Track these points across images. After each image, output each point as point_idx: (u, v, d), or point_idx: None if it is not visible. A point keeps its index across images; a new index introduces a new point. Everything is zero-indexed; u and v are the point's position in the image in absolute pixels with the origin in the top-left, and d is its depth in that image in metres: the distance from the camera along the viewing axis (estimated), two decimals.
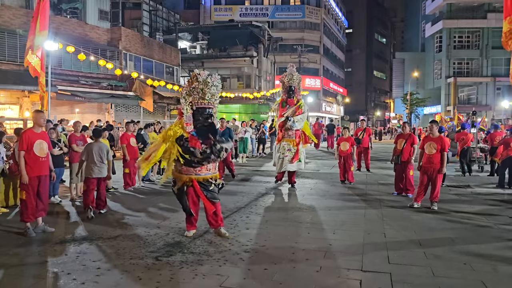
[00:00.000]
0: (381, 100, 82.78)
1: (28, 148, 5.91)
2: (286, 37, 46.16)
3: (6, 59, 17.22)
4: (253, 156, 17.95)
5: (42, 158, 6.06)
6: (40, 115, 6.22)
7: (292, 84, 10.06)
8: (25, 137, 5.96)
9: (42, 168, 6.07)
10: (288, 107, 9.97)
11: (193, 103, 5.63)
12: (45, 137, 6.25)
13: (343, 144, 10.71)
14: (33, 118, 6.28)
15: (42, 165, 6.08)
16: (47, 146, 6.17)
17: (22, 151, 5.89)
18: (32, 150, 5.94)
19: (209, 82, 5.55)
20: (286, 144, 9.87)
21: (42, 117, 6.23)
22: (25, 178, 5.86)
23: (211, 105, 5.66)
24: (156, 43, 27.29)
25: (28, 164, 5.90)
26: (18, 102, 17.36)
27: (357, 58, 75.62)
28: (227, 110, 34.09)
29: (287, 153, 9.85)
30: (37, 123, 6.16)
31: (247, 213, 7.40)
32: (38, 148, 6.00)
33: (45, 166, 6.14)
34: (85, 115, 19.71)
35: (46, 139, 6.22)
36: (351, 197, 8.98)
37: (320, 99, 51.99)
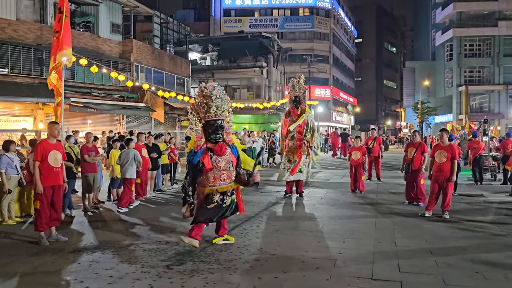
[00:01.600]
0: (392, 109, 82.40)
1: (43, 158, 6.03)
2: (295, 47, 46.44)
3: (21, 72, 17.58)
4: (263, 166, 17.97)
5: (56, 169, 6.17)
6: (54, 127, 6.36)
7: (297, 95, 10.07)
8: (40, 147, 6.09)
9: (56, 178, 6.18)
10: (291, 118, 9.99)
11: (201, 117, 5.78)
12: (60, 148, 6.36)
13: (355, 153, 10.71)
14: (48, 129, 6.44)
15: (56, 175, 6.19)
16: (61, 157, 6.28)
17: (37, 161, 6.02)
18: (47, 161, 6.05)
19: (212, 96, 5.65)
20: (290, 155, 9.86)
21: (57, 128, 6.36)
22: (40, 188, 5.97)
23: (218, 117, 5.74)
24: (167, 55, 27.65)
25: (42, 174, 6.02)
26: (32, 114, 17.67)
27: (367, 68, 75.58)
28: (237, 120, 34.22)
29: (288, 163, 9.87)
30: (51, 134, 6.30)
31: (257, 222, 7.43)
32: (53, 158, 6.11)
33: (59, 177, 6.25)
34: (97, 126, 19.96)
35: (60, 149, 6.34)
36: (362, 206, 8.95)
37: (330, 108, 51.98)
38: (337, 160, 22.85)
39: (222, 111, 5.77)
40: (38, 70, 18.13)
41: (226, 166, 5.75)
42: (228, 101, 5.88)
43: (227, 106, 5.86)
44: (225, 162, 5.75)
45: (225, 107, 5.83)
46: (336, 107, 55.29)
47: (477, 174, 12.51)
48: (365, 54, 74.72)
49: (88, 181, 8.63)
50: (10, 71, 17.36)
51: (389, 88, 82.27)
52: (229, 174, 5.79)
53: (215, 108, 5.70)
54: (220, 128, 5.75)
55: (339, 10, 57.47)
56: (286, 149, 9.91)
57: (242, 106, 29.29)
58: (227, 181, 5.78)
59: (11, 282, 4.56)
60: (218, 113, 5.74)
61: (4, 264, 5.15)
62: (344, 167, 18.10)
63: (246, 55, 35.34)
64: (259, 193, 10.95)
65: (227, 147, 5.81)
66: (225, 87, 36.19)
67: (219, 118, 5.77)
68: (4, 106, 16.99)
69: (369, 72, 75.75)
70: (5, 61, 17.33)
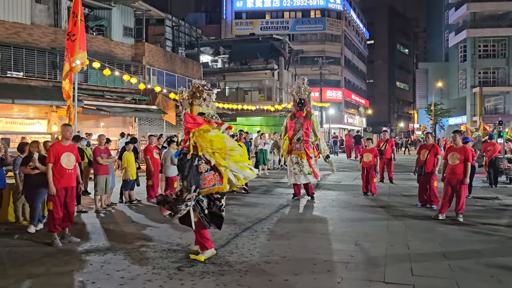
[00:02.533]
0: (405, 111, 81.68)
1: (56, 160, 6.11)
2: (306, 49, 46.32)
3: (35, 75, 17.85)
4: (274, 169, 17.95)
5: (69, 170, 6.24)
6: (67, 129, 6.44)
7: (302, 97, 10.01)
8: (52, 149, 6.18)
9: (69, 180, 6.25)
10: (296, 120, 9.94)
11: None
12: (73, 149, 6.43)
13: (366, 155, 10.63)
14: (61, 131, 6.54)
15: (69, 177, 6.26)
16: (74, 159, 6.35)
17: (50, 163, 6.10)
18: (59, 163, 6.13)
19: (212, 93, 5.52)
20: (294, 157, 9.81)
21: (69, 130, 6.44)
22: (53, 190, 6.04)
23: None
24: (178, 58, 27.83)
25: (55, 175, 6.10)
26: (46, 117, 17.90)
27: (379, 69, 75.07)
28: (248, 123, 34.29)
29: (295, 166, 9.80)
30: (64, 136, 6.38)
31: (268, 224, 7.41)
32: (66, 160, 6.19)
33: (72, 178, 6.31)
34: (110, 128, 20.16)
35: (74, 151, 6.41)
36: (374, 209, 8.87)
37: (342, 110, 51.71)
38: (349, 162, 22.72)
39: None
40: (52, 74, 18.40)
41: None
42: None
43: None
44: None
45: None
46: (347, 109, 54.99)
47: (492, 177, 12.31)
48: (377, 55, 74.22)
49: (101, 183, 8.72)
50: (25, 74, 17.65)
51: (401, 90, 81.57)
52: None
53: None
54: None
55: (350, 12, 57.22)
56: (292, 152, 9.86)
57: (253, 109, 29.29)
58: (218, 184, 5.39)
59: (24, 282, 4.61)
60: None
61: (17, 264, 5.21)
62: (356, 169, 17.99)
63: (257, 57, 35.36)
64: (270, 195, 10.94)
65: None
66: (236, 89, 36.58)
67: None
68: (19, 109, 17.26)
69: (381, 74, 75.22)
70: (20, 64, 17.63)
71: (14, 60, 17.52)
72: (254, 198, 10.40)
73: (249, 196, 10.80)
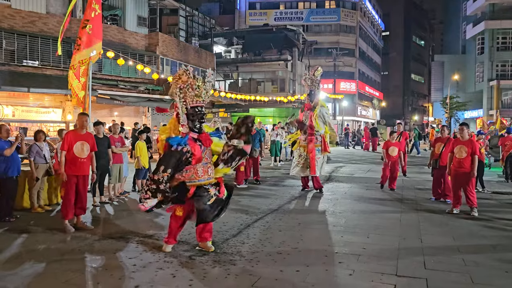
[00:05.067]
0: (419, 104, 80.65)
1: (69, 148, 6.22)
2: (321, 40, 45.92)
3: (50, 64, 18.02)
4: (286, 160, 17.92)
5: (81, 159, 6.30)
6: (82, 118, 6.49)
7: (311, 88, 9.91)
8: (66, 138, 6.29)
9: (81, 168, 6.32)
10: (305, 112, 9.85)
11: (187, 102, 5.12)
12: (89, 139, 6.47)
13: (392, 149, 10.21)
14: (77, 120, 6.60)
15: (81, 165, 6.32)
16: (88, 148, 6.39)
17: (63, 151, 6.23)
18: (72, 150, 6.22)
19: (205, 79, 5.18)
20: (301, 149, 9.73)
21: (85, 119, 6.49)
22: (64, 176, 6.17)
23: (204, 103, 5.23)
24: (192, 48, 27.81)
25: (67, 163, 6.21)
26: (61, 105, 18.09)
27: (394, 61, 74.05)
28: (261, 114, 34.23)
29: (299, 158, 9.73)
30: (79, 125, 6.47)
31: (280, 215, 7.40)
32: (79, 149, 6.27)
33: (84, 167, 6.37)
34: (123, 118, 20.28)
35: (89, 141, 6.45)
36: (387, 202, 8.80)
37: (356, 103, 51.25)
38: (362, 154, 22.55)
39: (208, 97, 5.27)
40: (67, 63, 18.49)
41: (210, 158, 5.27)
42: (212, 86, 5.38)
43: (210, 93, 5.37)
44: (210, 154, 5.28)
45: (210, 94, 5.33)
46: (361, 101, 54.48)
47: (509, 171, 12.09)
48: (392, 47, 73.21)
49: (114, 172, 8.79)
50: (40, 63, 17.83)
51: (416, 82, 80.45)
52: (212, 167, 5.25)
53: (204, 93, 5.18)
54: (204, 116, 5.25)
55: (366, 2, 56.40)
56: (299, 144, 9.80)
57: (266, 100, 29.19)
58: (211, 175, 5.21)
59: (38, 268, 4.69)
60: (205, 99, 5.24)
61: (32, 250, 5.29)
62: (369, 162, 17.86)
63: (270, 48, 35.15)
64: (281, 186, 10.93)
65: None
66: (249, 80, 36.48)
67: (204, 104, 5.25)
68: (34, 98, 17.45)
69: (396, 66, 74.21)
70: (36, 53, 17.82)
71: (30, 49, 17.72)
72: (266, 189, 10.40)
73: (260, 187, 10.80)
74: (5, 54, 17.15)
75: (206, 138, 5.21)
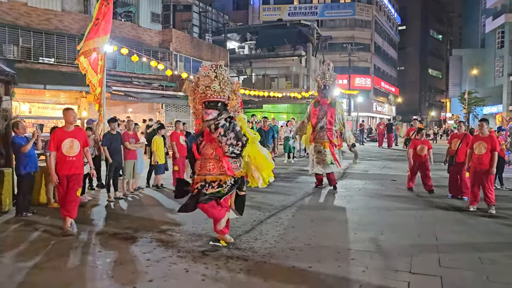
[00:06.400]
0: (436, 99, 79.51)
1: (57, 147, 5.89)
2: (335, 35, 45.53)
3: (65, 61, 18.31)
4: (300, 156, 17.89)
5: (70, 158, 5.95)
6: (70, 113, 6.07)
7: (326, 83, 9.81)
8: (53, 136, 5.96)
9: (70, 167, 5.95)
10: (320, 107, 9.77)
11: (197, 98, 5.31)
12: (78, 135, 6.12)
13: (421, 147, 9.44)
14: (63, 116, 6.12)
15: (71, 164, 5.96)
16: (79, 145, 6.04)
17: (52, 151, 5.91)
18: (61, 149, 5.89)
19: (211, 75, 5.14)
20: (318, 145, 9.63)
21: (72, 114, 6.10)
22: (54, 178, 5.89)
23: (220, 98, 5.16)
24: (205, 44, 27.90)
25: (57, 163, 5.90)
26: (77, 102, 18.37)
27: (411, 56, 73.10)
28: (274, 110, 34.23)
29: (317, 155, 9.66)
30: (67, 121, 6.09)
31: (293, 211, 7.42)
32: (67, 147, 5.93)
33: (74, 166, 5.99)
34: (137, 114, 20.51)
35: (78, 137, 6.09)
36: (402, 199, 8.73)
37: (371, 98, 50.80)
38: (377, 151, 22.37)
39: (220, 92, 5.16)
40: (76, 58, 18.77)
41: (213, 154, 5.21)
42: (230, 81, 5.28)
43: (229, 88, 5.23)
44: (212, 150, 5.20)
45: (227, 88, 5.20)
46: (377, 97, 53.98)
47: None
48: (408, 42, 72.22)
49: (128, 168, 8.91)
50: (56, 60, 18.13)
51: (433, 77, 79.30)
52: (216, 164, 5.20)
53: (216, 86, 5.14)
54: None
55: None
56: (315, 140, 9.74)
57: (280, 96, 29.17)
58: (213, 171, 5.20)
59: (53, 261, 4.80)
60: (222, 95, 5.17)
61: (48, 244, 5.42)
62: (384, 158, 17.72)
63: (284, 43, 35.05)
64: (295, 183, 10.93)
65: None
66: (263, 76, 36.42)
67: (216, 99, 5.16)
68: (50, 95, 17.76)
69: (412, 61, 73.24)
70: (52, 51, 18.13)
71: (46, 46, 18.03)
72: (279, 185, 10.40)
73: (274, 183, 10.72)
74: (22, 52, 17.49)
75: (207, 134, 5.20)
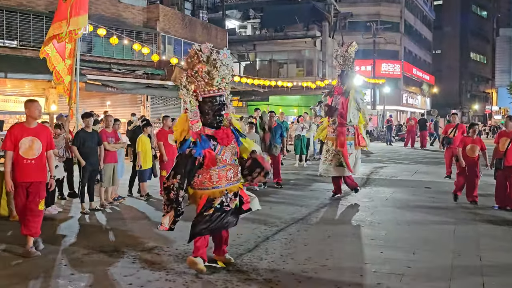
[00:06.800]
0: (480, 90, 79.41)
1: (14, 147, 5.63)
2: (357, 12, 45.48)
3: (31, 44, 18.34)
4: (314, 159, 17.89)
5: (28, 161, 5.69)
6: (34, 105, 5.82)
7: (343, 68, 9.83)
8: (10, 133, 5.69)
9: (29, 173, 5.71)
10: (334, 97, 9.76)
11: (198, 92, 5.18)
12: (41, 134, 5.87)
13: (471, 147, 9.23)
14: (25, 108, 5.84)
15: (29, 169, 5.70)
16: (40, 146, 5.78)
17: (8, 151, 5.62)
18: (17, 149, 5.64)
19: (217, 61, 5.11)
20: (329, 143, 9.68)
21: (37, 107, 5.86)
22: (9, 185, 5.64)
23: (222, 91, 5.23)
24: (199, 23, 27.98)
25: (13, 167, 5.64)
26: (44, 93, 18.41)
27: (449, 37, 72.98)
28: (284, 103, 34.22)
29: (326, 154, 9.69)
30: (30, 115, 5.80)
31: (305, 225, 7.43)
32: (26, 146, 5.67)
33: (33, 171, 5.74)
34: (117, 108, 20.56)
35: (41, 136, 5.84)
36: (438, 210, 8.72)
37: (400, 89, 50.71)
38: (408, 152, 22.34)
39: (226, 83, 5.26)
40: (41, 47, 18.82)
41: (232, 159, 5.26)
42: (232, 69, 5.33)
43: (230, 78, 5.34)
44: (231, 154, 5.25)
45: (229, 79, 5.30)
46: (407, 87, 53.89)
47: None
48: (446, 20, 72.14)
49: (108, 172, 8.92)
50: (19, 43, 18.18)
51: (477, 63, 79.17)
52: (236, 169, 5.31)
53: (219, 79, 5.15)
54: (223, 107, 5.23)
55: None
56: (326, 137, 9.73)
57: (290, 86, 29.15)
58: (234, 179, 5.28)
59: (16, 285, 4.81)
60: (222, 86, 5.21)
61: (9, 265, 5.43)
62: (416, 161, 17.69)
63: (295, 22, 35.04)
64: (308, 191, 10.93)
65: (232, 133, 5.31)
66: (269, 61, 36.51)
67: (222, 93, 5.24)
68: (12, 85, 17.81)
69: (451, 43, 73.14)
70: (14, 32, 18.14)
71: (7, 27, 18.03)
72: (289, 194, 10.41)
73: (282, 191, 10.82)
74: None
75: (224, 135, 5.19)
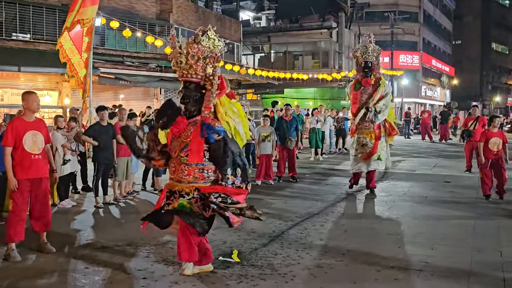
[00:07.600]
0: (502, 81, 78.24)
1: (17, 142, 5.50)
2: (374, 2, 45.00)
3: (44, 38, 18.50)
4: (330, 153, 17.85)
5: (34, 156, 5.61)
6: (33, 98, 5.69)
7: (368, 59, 9.70)
8: (11, 128, 5.55)
9: (36, 168, 5.64)
10: (363, 89, 9.69)
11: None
12: (41, 127, 5.78)
13: (494, 141, 8.99)
14: (23, 101, 5.70)
15: (36, 164, 5.64)
16: (42, 140, 5.71)
17: (8, 147, 5.49)
18: (21, 145, 5.51)
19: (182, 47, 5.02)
20: (362, 137, 9.57)
21: (36, 100, 5.73)
22: (13, 182, 5.49)
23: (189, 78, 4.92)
24: (213, 15, 27.99)
25: (16, 163, 5.52)
26: (57, 87, 18.59)
27: (470, 27, 71.95)
28: (299, 96, 34.14)
29: (360, 149, 9.60)
30: (29, 108, 5.67)
31: (321, 220, 7.42)
32: (30, 142, 5.57)
33: (40, 166, 5.69)
34: (131, 101, 20.66)
35: (42, 130, 5.77)
36: (457, 205, 8.66)
37: (419, 80, 50.20)
38: (427, 146, 22.16)
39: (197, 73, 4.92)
40: None
41: (179, 155, 4.83)
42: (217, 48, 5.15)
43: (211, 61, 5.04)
44: (178, 148, 4.83)
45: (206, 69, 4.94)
46: (426, 79, 53.34)
47: None
48: (467, 9, 71.11)
49: (121, 166, 8.99)
50: (32, 36, 18.34)
51: (499, 53, 77.97)
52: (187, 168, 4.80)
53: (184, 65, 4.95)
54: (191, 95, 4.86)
55: None
56: (357, 131, 9.67)
57: (305, 78, 29.02)
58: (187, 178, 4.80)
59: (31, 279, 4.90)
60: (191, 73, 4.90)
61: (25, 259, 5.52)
62: (435, 155, 17.55)
63: (311, 13, 34.89)
64: (324, 185, 10.91)
65: (192, 125, 4.82)
66: (284, 53, 36.41)
67: (189, 79, 4.92)
68: (26, 78, 18.02)
69: (472, 33, 72.09)
70: (27, 25, 18.30)
71: (20, 20, 18.21)
72: (304, 188, 10.41)
73: (298, 185, 10.82)
74: None
75: (177, 123, 4.92)
